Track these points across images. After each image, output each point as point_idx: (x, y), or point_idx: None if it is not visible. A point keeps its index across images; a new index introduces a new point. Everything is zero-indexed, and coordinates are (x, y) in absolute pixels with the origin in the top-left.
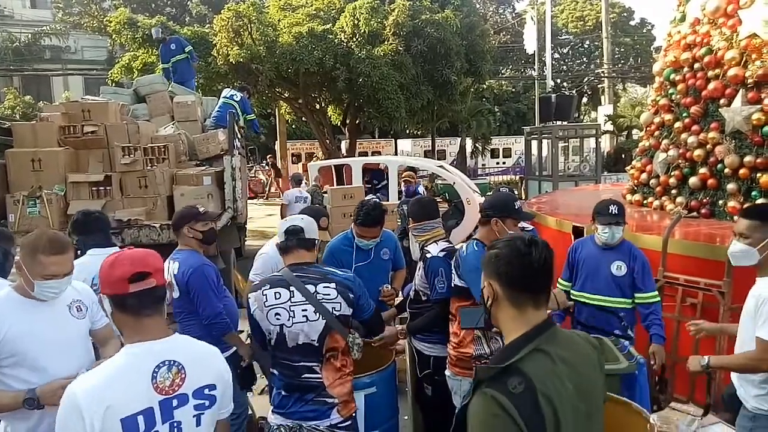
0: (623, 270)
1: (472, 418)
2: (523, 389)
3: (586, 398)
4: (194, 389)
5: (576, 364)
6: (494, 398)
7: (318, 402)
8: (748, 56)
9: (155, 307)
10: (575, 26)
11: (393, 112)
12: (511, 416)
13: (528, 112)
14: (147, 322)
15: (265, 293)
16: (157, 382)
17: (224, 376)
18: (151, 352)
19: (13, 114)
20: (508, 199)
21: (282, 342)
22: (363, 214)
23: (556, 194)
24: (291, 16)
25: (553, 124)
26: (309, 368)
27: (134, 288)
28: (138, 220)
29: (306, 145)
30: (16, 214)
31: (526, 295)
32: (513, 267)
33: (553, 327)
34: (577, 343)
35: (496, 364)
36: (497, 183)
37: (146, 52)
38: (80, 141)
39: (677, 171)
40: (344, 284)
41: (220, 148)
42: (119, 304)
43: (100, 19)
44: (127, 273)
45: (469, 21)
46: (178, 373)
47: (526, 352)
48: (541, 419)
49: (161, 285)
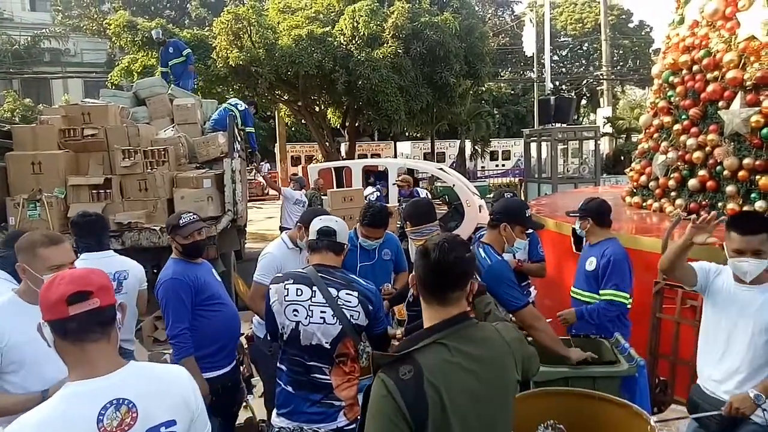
0: (593, 265)
1: (370, 398)
2: (411, 376)
3: (488, 390)
4: (148, 428)
5: (482, 360)
6: (384, 382)
7: (325, 404)
8: (746, 59)
9: (102, 331)
10: (574, 28)
11: (392, 114)
12: (394, 398)
13: (527, 115)
14: (92, 351)
15: (287, 287)
16: (104, 426)
17: (189, 405)
18: (96, 392)
19: (12, 117)
20: (520, 206)
21: (295, 339)
22: (370, 215)
23: (555, 196)
24: (290, 18)
25: (552, 126)
26: (319, 369)
27: (74, 310)
28: (138, 223)
29: (305, 148)
30: (16, 217)
31: (428, 293)
32: (419, 267)
33: (465, 323)
34: (491, 342)
35: (394, 352)
36: (496, 185)
37: (146, 55)
38: (80, 144)
39: (676, 173)
40: (366, 295)
41: (220, 151)
42: (59, 330)
43: (100, 21)
44: (65, 293)
45: (468, 23)
46: (128, 412)
47: (425, 344)
48: (424, 403)
49: (107, 305)
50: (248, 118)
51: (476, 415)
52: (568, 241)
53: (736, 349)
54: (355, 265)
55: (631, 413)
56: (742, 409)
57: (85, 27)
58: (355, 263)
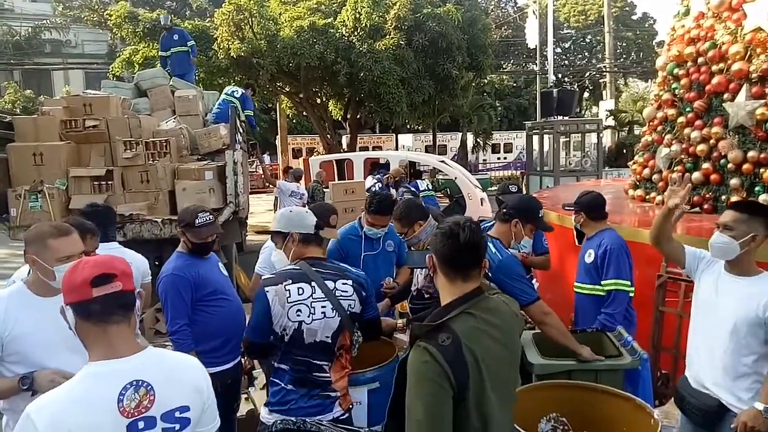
0: (591, 257)
1: (409, 367)
2: (450, 342)
3: (503, 350)
4: (163, 412)
5: (499, 326)
6: (426, 349)
7: (323, 396)
8: (752, 50)
9: (123, 314)
10: (577, 21)
11: (394, 106)
12: (438, 362)
13: (529, 107)
14: (114, 333)
15: (287, 288)
16: (124, 406)
17: (202, 394)
18: (116, 372)
19: (13, 108)
20: (534, 205)
21: (299, 338)
22: (376, 202)
23: (557, 189)
24: (292, 9)
25: (555, 119)
26: (320, 367)
27: (98, 292)
28: (140, 214)
29: (307, 140)
30: (18, 208)
31: (455, 270)
32: (445, 246)
33: (482, 296)
34: (503, 311)
35: (429, 322)
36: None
37: (147, 46)
38: (82, 135)
39: (680, 166)
40: (359, 282)
41: (221, 143)
42: (83, 311)
43: (101, 12)
44: (89, 275)
45: (470, 15)
46: (146, 394)
47: (456, 313)
48: (464, 366)
49: (129, 290)
50: (247, 101)
51: (500, 376)
52: (570, 234)
53: (719, 339)
54: (359, 255)
55: (634, 406)
56: (758, 427)
57: (86, 18)
58: (360, 253)
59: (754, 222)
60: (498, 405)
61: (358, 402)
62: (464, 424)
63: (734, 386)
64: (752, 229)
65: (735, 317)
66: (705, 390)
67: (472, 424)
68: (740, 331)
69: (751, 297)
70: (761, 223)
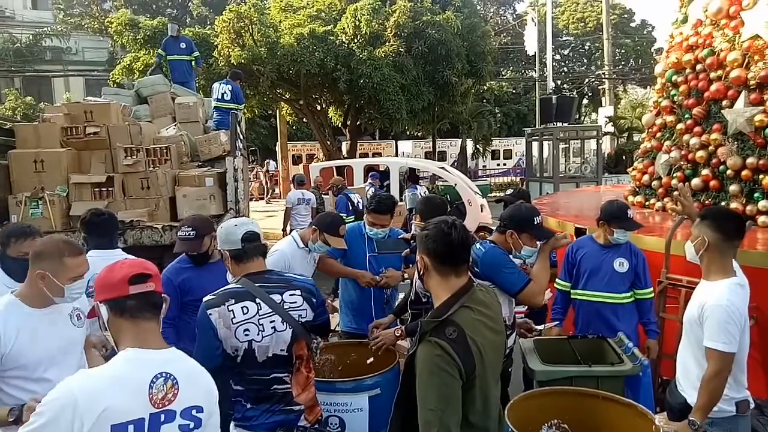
0: (626, 266)
1: (421, 361)
2: (456, 335)
3: (496, 337)
4: (183, 408)
5: (489, 315)
6: (437, 343)
7: (285, 411)
8: (750, 58)
9: (153, 312)
10: (576, 27)
11: (394, 113)
12: (449, 354)
13: (529, 114)
14: (146, 329)
15: (231, 309)
16: (152, 393)
17: (212, 400)
18: (151, 361)
19: (14, 115)
20: (528, 214)
21: (251, 357)
22: (376, 202)
23: (557, 196)
24: (292, 17)
25: (554, 125)
26: (279, 379)
27: (134, 290)
28: (140, 221)
29: (307, 147)
30: (18, 215)
31: (449, 266)
32: (438, 245)
33: (473, 288)
34: (490, 301)
35: (434, 318)
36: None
37: (147, 54)
38: (83, 142)
39: (679, 172)
40: (308, 290)
41: (222, 150)
42: (118, 307)
43: (102, 20)
44: (127, 274)
45: (470, 22)
46: (172, 387)
47: (456, 308)
48: (470, 354)
49: (159, 292)
50: (239, 96)
51: (495, 361)
52: (570, 240)
53: (681, 340)
54: (364, 255)
55: (636, 413)
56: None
57: (86, 25)
58: (364, 253)
59: (701, 226)
60: (494, 386)
61: (359, 409)
62: (470, 409)
63: (690, 384)
64: (700, 233)
65: (688, 318)
66: (677, 388)
67: (476, 408)
68: (687, 332)
69: (697, 298)
70: (707, 226)
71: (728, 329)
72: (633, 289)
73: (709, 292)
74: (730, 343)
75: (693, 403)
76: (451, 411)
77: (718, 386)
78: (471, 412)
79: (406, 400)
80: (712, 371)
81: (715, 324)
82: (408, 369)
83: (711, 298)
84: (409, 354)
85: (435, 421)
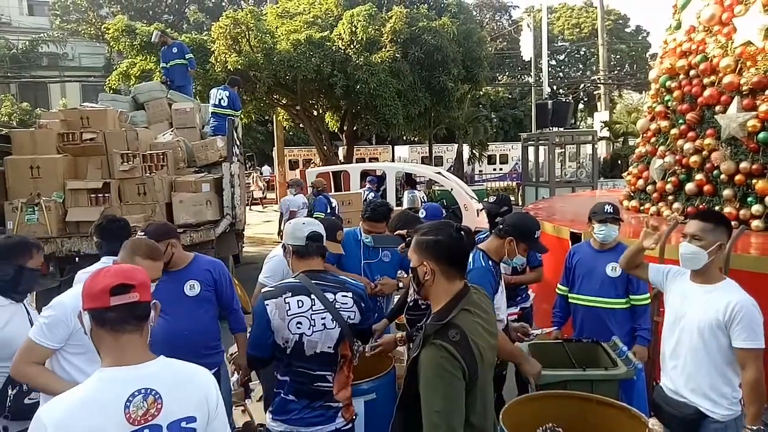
0: (618, 271)
1: (425, 363)
2: (459, 338)
3: (492, 338)
4: (170, 422)
5: (485, 318)
6: (442, 345)
7: (325, 407)
8: (743, 63)
9: (136, 324)
10: (571, 33)
11: (390, 118)
12: (453, 356)
13: (525, 119)
14: (126, 342)
15: (287, 301)
16: (130, 412)
17: (209, 405)
18: (126, 379)
19: (10, 121)
20: (531, 226)
21: (300, 350)
22: (371, 210)
23: (553, 200)
24: (289, 23)
25: (550, 130)
26: (323, 377)
27: (115, 301)
28: (136, 227)
29: (303, 152)
30: (14, 221)
31: (456, 269)
32: (451, 251)
33: (470, 291)
34: (485, 303)
35: (437, 322)
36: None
37: (144, 59)
38: (79, 148)
39: (674, 177)
40: (359, 294)
41: (218, 155)
42: (99, 318)
43: (98, 26)
44: (108, 285)
45: (466, 28)
46: (154, 402)
47: (457, 311)
48: (473, 355)
49: (144, 302)
50: (236, 102)
51: (491, 361)
52: (566, 244)
53: (688, 347)
54: (359, 261)
55: (629, 416)
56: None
57: (83, 31)
58: (359, 259)
59: (718, 231)
60: (490, 387)
61: (355, 413)
62: (471, 410)
63: (708, 391)
64: (718, 238)
65: (699, 324)
66: (681, 398)
67: (477, 409)
68: (704, 337)
69: (712, 302)
70: (724, 232)
71: (761, 325)
72: (629, 295)
73: (726, 292)
74: (761, 340)
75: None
76: (456, 412)
77: (761, 389)
78: (472, 412)
79: (408, 402)
80: (754, 371)
81: (748, 322)
82: (411, 372)
83: (734, 297)
84: (412, 357)
85: (441, 422)
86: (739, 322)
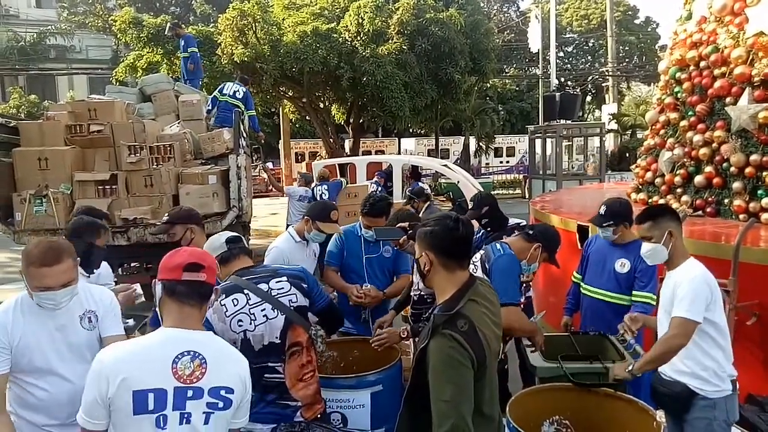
0: (626, 267)
1: (434, 353)
2: (467, 327)
3: (497, 329)
4: (211, 387)
5: (491, 308)
6: (451, 335)
7: (280, 405)
8: (754, 54)
9: (199, 300)
10: (580, 25)
11: (397, 110)
12: (462, 346)
13: (532, 111)
14: (187, 314)
15: (223, 303)
16: (177, 368)
17: (245, 385)
18: (180, 339)
19: (18, 113)
20: (558, 242)
21: (248, 347)
22: (369, 204)
23: (560, 193)
24: (295, 15)
25: (557, 122)
26: (272, 368)
27: (186, 276)
28: (144, 218)
29: (309, 144)
30: (22, 212)
31: (454, 261)
32: (445, 241)
33: (476, 282)
34: (490, 293)
35: (445, 312)
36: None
37: (151, 52)
38: (86, 140)
39: (682, 170)
40: (295, 276)
41: (225, 147)
42: (170, 289)
43: (105, 18)
44: (184, 262)
45: (473, 20)
46: (200, 366)
47: (464, 302)
48: (480, 344)
49: (210, 283)
50: (249, 101)
51: (496, 354)
52: (573, 237)
53: (663, 329)
54: (361, 256)
55: (637, 409)
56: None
57: (90, 23)
58: (361, 253)
59: (661, 222)
60: (495, 376)
61: (361, 405)
62: (480, 399)
63: (693, 367)
64: (664, 228)
65: (664, 305)
66: (670, 378)
67: (485, 398)
68: (664, 319)
69: (670, 283)
70: (667, 220)
71: (701, 299)
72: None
73: (682, 271)
74: (694, 312)
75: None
76: (466, 401)
77: (669, 350)
78: (481, 401)
79: (416, 393)
80: (676, 337)
81: (684, 293)
82: (419, 363)
83: (684, 274)
84: (420, 348)
85: (451, 411)
86: (678, 294)
